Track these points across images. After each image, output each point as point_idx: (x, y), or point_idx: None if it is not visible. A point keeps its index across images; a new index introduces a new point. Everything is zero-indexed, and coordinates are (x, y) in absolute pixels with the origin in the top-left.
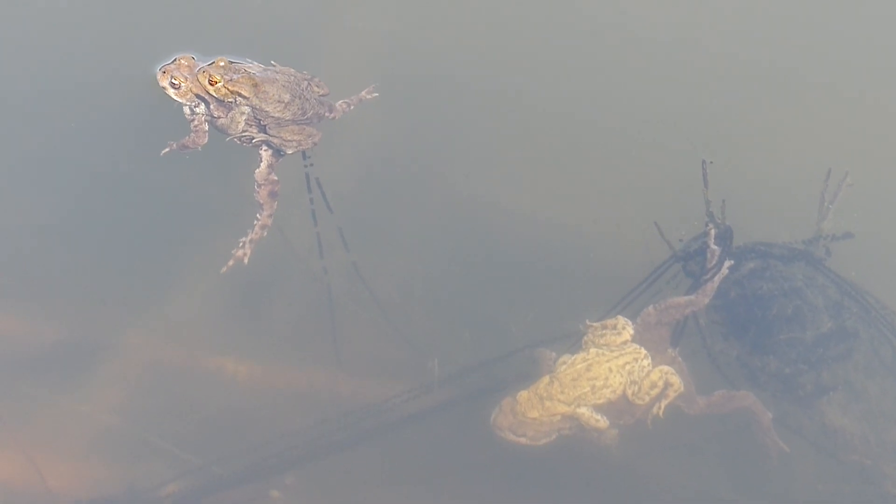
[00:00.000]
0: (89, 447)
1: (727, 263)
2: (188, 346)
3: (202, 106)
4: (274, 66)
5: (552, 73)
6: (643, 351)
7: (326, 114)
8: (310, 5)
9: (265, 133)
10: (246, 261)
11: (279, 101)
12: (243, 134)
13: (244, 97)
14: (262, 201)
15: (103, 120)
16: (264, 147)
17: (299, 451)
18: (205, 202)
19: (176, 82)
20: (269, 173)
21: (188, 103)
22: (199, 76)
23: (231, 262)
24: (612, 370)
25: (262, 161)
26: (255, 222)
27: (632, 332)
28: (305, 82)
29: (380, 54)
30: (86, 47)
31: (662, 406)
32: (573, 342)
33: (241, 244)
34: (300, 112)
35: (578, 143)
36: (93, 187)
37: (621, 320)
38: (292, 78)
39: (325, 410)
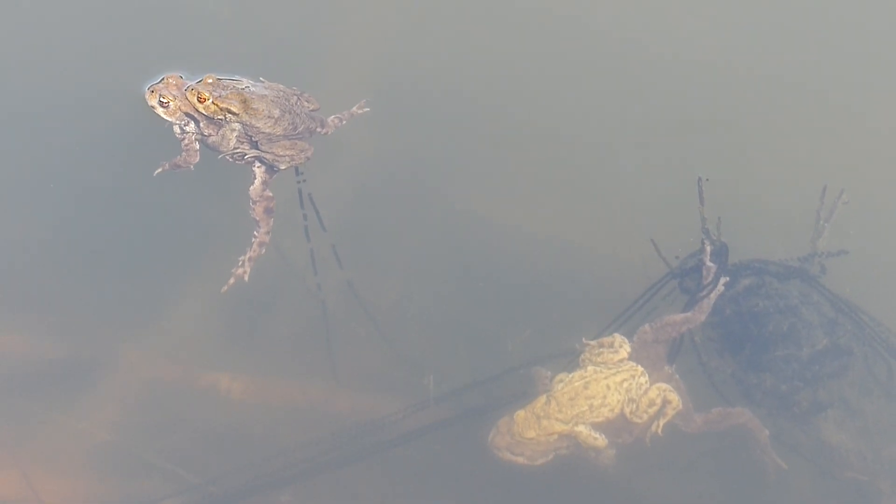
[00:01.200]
0: (85, 464)
1: (723, 280)
2: (185, 363)
3: (192, 124)
4: (263, 81)
5: (548, 89)
6: (640, 368)
7: (318, 129)
8: (304, 22)
9: (257, 149)
10: (246, 278)
11: (269, 117)
12: (235, 151)
13: (234, 114)
14: (258, 218)
15: (101, 138)
16: (257, 163)
17: (296, 469)
18: (200, 219)
19: (165, 101)
20: (264, 190)
21: (178, 122)
22: (187, 94)
23: (232, 281)
24: (610, 388)
25: (255, 178)
26: (253, 240)
27: (628, 349)
28: (295, 97)
29: (375, 70)
30: (75, 66)
31: (661, 424)
32: (570, 360)
33: (240, 262)
34: (291, 127)
35: (575, 160)
36: (88, 205)
37: (618, 338)
38: (281, 93)
39: (321, 427)
